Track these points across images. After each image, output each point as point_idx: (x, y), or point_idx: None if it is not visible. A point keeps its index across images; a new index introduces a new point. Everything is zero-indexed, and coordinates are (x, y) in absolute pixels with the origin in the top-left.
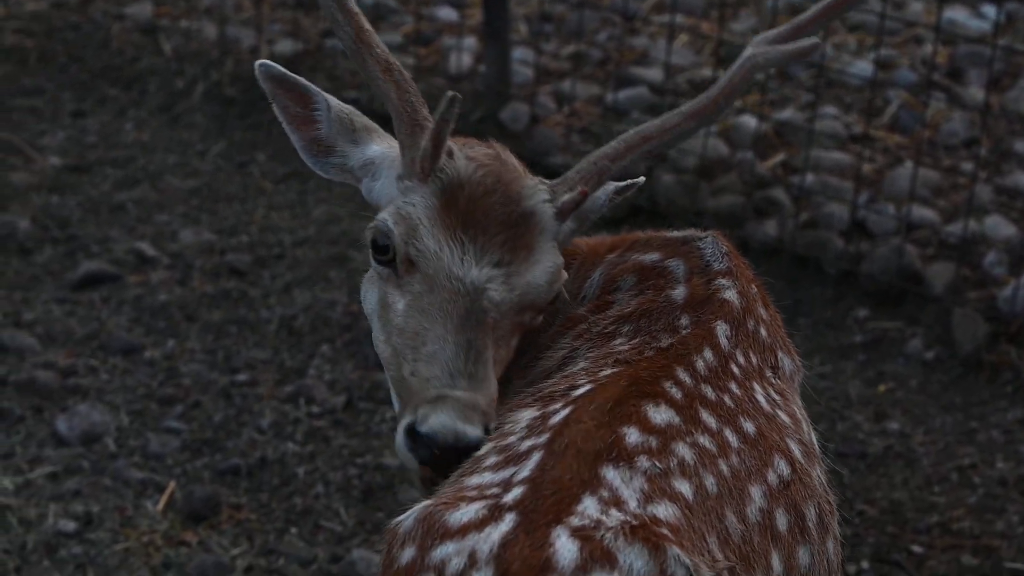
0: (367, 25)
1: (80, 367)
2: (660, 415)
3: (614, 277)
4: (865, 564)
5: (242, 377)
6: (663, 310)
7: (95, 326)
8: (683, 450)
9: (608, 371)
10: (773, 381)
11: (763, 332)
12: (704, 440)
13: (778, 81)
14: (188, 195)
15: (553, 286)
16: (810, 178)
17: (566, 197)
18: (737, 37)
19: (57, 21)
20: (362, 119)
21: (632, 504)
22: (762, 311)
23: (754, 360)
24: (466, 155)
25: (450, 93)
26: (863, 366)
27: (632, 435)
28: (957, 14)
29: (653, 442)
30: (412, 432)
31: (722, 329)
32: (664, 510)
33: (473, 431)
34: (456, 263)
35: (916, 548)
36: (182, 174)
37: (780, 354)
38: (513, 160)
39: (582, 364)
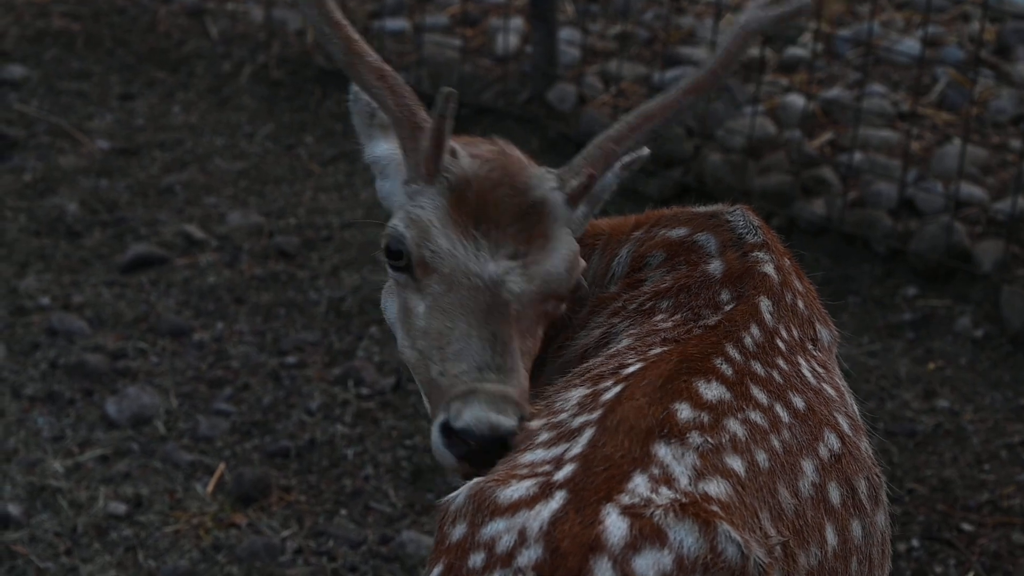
0: (356, 35)
1: (129, 350)
2: (711, 391)
3: (643, 254)
4: (915, 542)
5: (291, 359)
6: (702, 285)
7: (144, 309)
8: (735, 426)
9: (658, 349)
10: (815, 354)
11: (801, 305)
12: (755, 416)
13: (826, 59)
14: (236, 177)
15: (572, 273)
16: (858, 156)
17: (574, 183)
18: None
19: (104, 5)
20: (384, 115)
21: (683, 481)
22: (797, 284)
23: (795, 334)
24: (469, 152)
25: (445, 90)
26: (912, 344)
27: (684, 411)
28: None
29: (705, 418)
30: (447, 429)
31: (765, 304)
32: (715, 487)
33: (508, 421)
34: (472, 259)
35: (966, 526)
36: (230, 156)
37: (818, 326)
38: (517, 153)
39: (626, 342)
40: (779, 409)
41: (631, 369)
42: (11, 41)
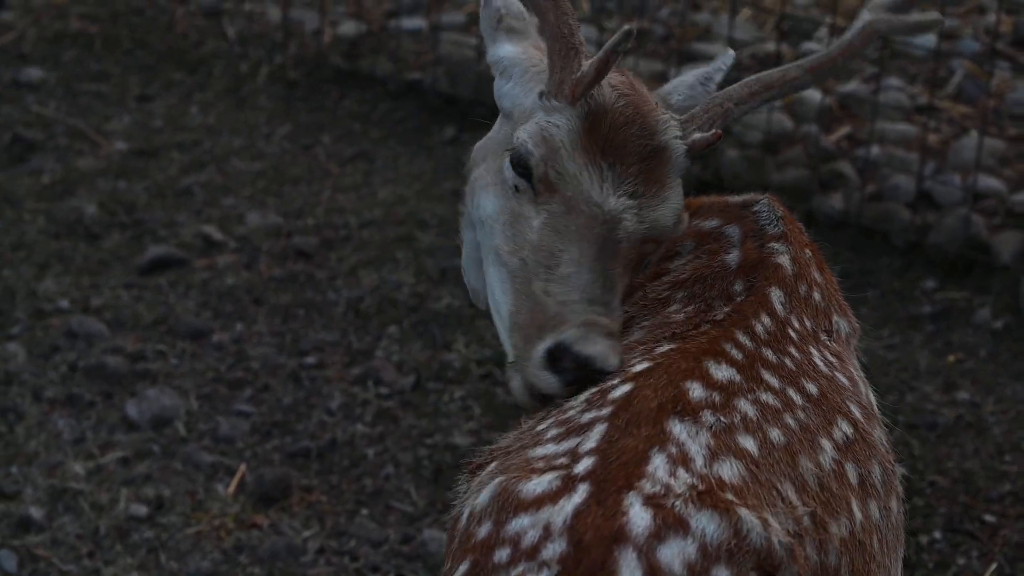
0: None
1: (149, 352)
2: (721, 372)
3: (675, 243)
4: (937, 534)
5: (310, 360)
6: (717, 275)
7: (163, 311)
8: (745, 406)
9: (664, 347)
10: (829, 344)
11: (816, 296)
12: (767, 397)
13: None
14: (254, 178)
15: (678, 226)
16: (875, 150)
17: (698, 136)
18: (800, 11)
19: (121, 6)
20: (511, 20)
21: (699, 462)
22: (816, 275)
23: (808, 324)
24: (610, 83)
25: (627, 27)
26: (932, 337)
27: (696, 390)
28: None
29: (716, 397)
30: (560, 352)
31: (777, 295)
32: (729, 469)
33: (616, 360)
34: (596, 189)
35: (988, 517)
36: (248, 157)
37: (835, 317)
38: (646, 91)
39: (636, 335)
40: (792, 393)
41: (638, 368)
42: (29, 43)
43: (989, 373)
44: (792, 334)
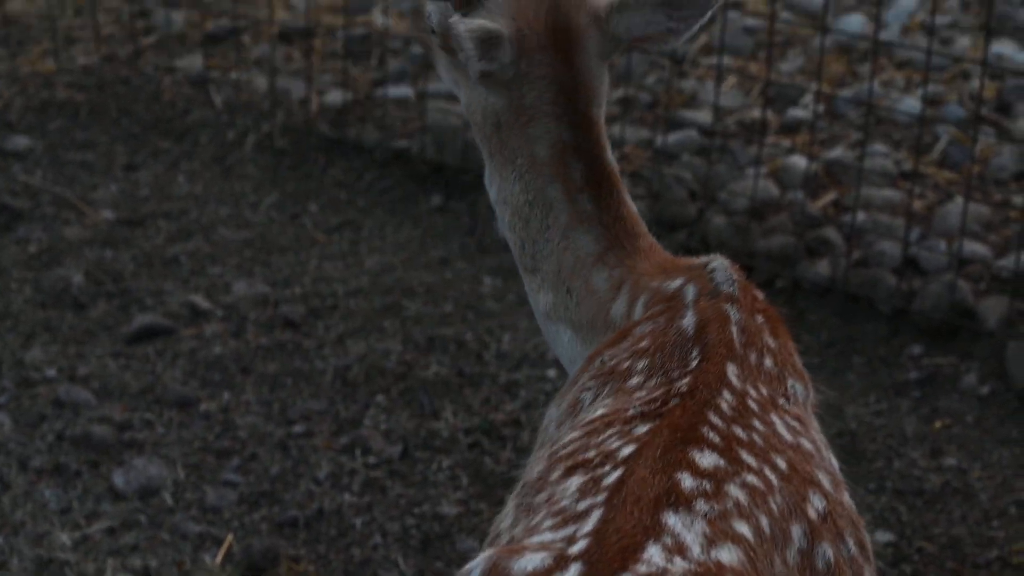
0: None
1: (136, 421)
2: (706, 459)
3: (648, 304)
4: None
5: (298, 428)
6: (675, 344)
7: (150, 379)
8: (735, 491)
9: (642, 428)
10: (788, 408)
11: (768, 362)
12: (752, 479)
13: (827, 120)
14: (241, 247)
15: None
16: (861, 216)
17: None
18: (785, 78)
19: (108, 75)
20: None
21: (695, 550)
22: (769, 340)
23: (764, 391)
24: None
25: None
26: (918, 403)
27: (686, 480)
28: (1004, 48)
29: (707, 485)
30: None
31: (731, 369)
32: (728, 554)
33: None
34: None
35: None
36: (235, 226)
37: (791, 381)
38: None
39: (599, 411)
40: (768, 472)
41: (626, 452)
42: (16, 112)
43: (976, 439)
44: (752, 405)
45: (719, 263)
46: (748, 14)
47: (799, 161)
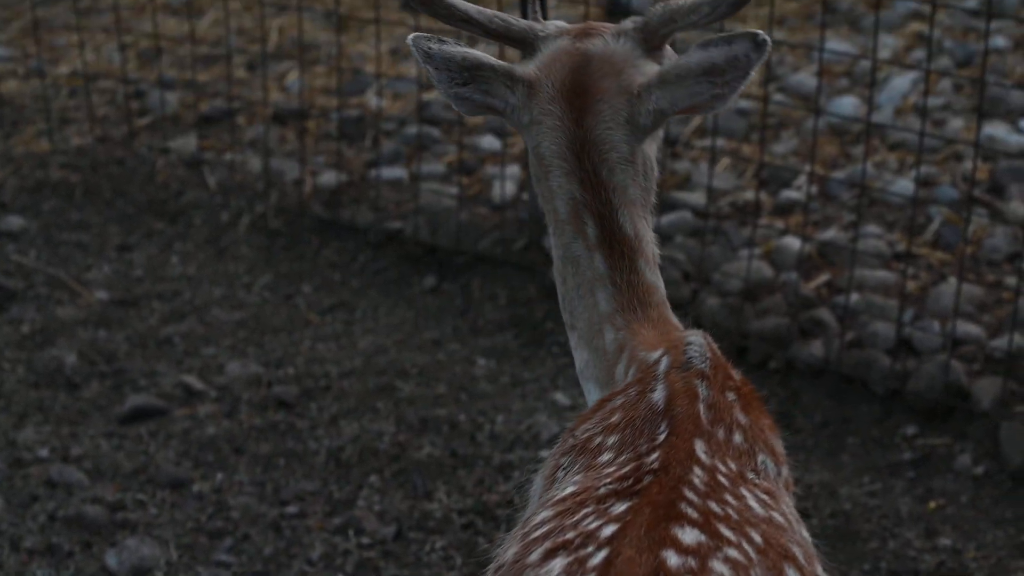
0: None
1: (129, 501)
2: (688, 535)
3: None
4: None
5: (291, 509)
6: (645, 419)
7: (143, 460)
8: (719, 566)
9: (620, 507)
10: (757, 482)
11: (738, 437)
12: (733, 553)
13: (820, 202)
14: (235, 327)
15: None
16: (855, 297)
17: None
18: (778, 159)
19: (102, 156)
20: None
21: None
22: (739, 416)
23: (733, 466)
24: None
25: None
26: (913, 483)
27: (672, 558)
28: (996, 130)
29: (692, 562)
30: None
31: (699, 446)
32: None
33: None
34: None
35: None
36: (228, 306)
37: (761, 456)
38: None
39: (570, 488)
40: (746, 545)
41: (607, 532)
42: (10, 192)
43: (970, 519)
44: (723, 480)
45: (697, 339)
46: (741, 96)
47: (793, 242)
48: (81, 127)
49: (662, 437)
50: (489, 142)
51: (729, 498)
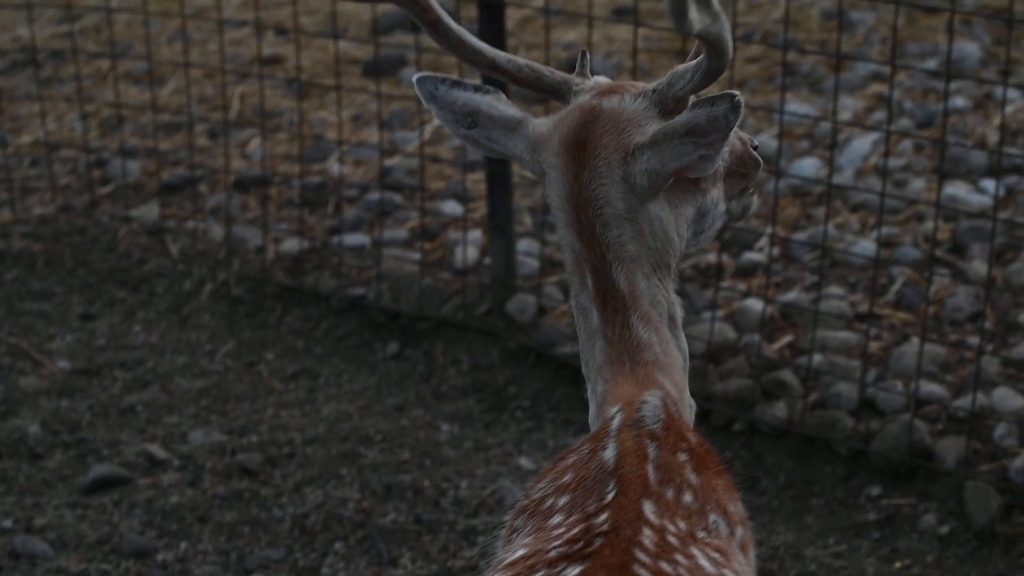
0: None
1: (93, 571)
2: None
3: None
4: None
5: None
6: (596, 479)
7: (107, 530)
8: None
9: (575, 570)
10: (708, 540)
11: (688, 497)
12: None
13: (782, 263)
14: (198, 396)
15: None
16: (817, 358)
17: None
18: (740, 222)
19: (64, 225)
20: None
21: None
22: (690, 476)
23: (683, 526)
24: None
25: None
26: (878, 544)
27: None
28: (958, 190)
29: None
30: None
31: (648, 506)
32: None
33: None
34: None
35: None
36: (191, 375)
37: (713, 516)
38: None
39: (520, 551)
40: None
41: None
42: None
43: None
44: (672, 540)
45: (653, 398)
46: None
47: (755, 304)
48: (43, 196)
49: (610, 497)
50: (451, 207)
51: (680, 558)
